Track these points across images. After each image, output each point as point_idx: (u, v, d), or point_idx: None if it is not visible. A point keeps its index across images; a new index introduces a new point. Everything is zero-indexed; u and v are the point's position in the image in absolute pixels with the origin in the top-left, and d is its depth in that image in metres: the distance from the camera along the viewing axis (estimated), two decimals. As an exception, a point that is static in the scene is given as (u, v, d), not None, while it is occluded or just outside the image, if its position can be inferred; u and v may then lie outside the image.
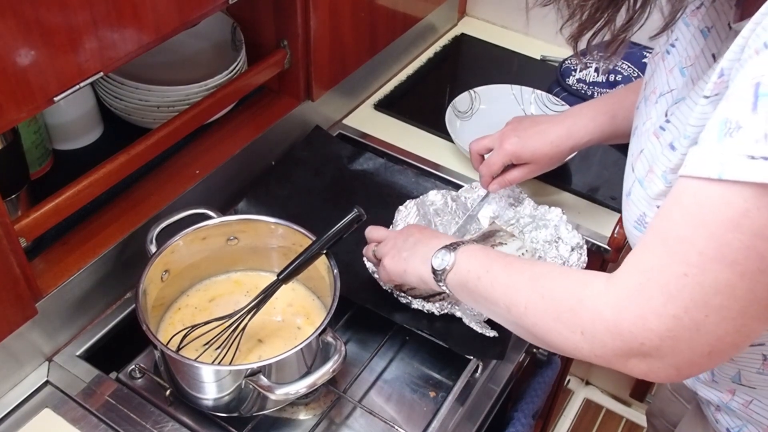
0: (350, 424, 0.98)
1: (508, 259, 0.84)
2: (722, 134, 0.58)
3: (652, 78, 0.86)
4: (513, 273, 0.80)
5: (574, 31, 0.72)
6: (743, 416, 0.87)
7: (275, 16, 1.19)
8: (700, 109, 0.67)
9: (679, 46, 0.81)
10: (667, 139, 0.76)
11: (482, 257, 0.85)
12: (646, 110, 0.85)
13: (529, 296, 0.76)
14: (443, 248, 0.88)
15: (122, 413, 0.95)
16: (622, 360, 0.67)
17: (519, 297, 0.77)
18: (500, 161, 1.11)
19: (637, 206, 0.80)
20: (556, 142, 1.08)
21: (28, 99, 0.77)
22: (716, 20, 0.75)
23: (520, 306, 0.77)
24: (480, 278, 0.83)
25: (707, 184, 0.59)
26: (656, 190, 0.76)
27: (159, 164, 1.14)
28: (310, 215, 1.14)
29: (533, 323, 0.75)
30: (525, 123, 1.12)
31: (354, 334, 1.08)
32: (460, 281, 0.86)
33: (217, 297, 1.05)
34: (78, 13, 0.77)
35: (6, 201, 0.94)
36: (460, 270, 0.86)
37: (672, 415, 1.19)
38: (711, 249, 0.60)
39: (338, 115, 1.43)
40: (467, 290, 0.86)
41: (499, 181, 1.14)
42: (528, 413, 1.13)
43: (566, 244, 1.09)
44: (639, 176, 0.81)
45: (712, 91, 0.65)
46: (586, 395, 2.15)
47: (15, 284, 0.87)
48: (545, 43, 1.66)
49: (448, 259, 0.87)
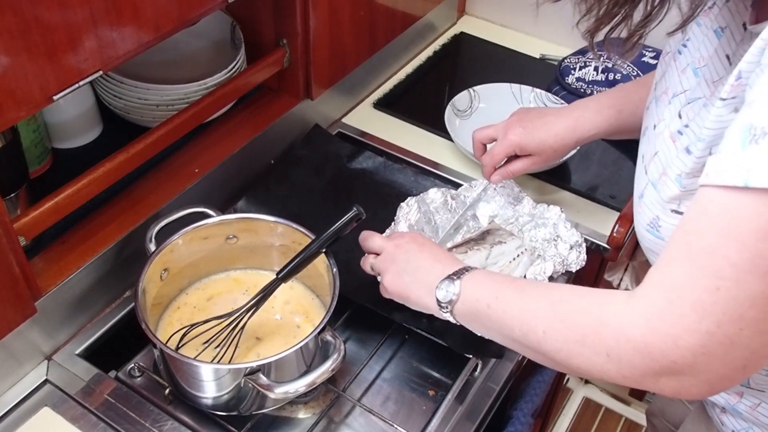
0: (349, 422, 0.98)
1: (517, 283, 0.81)
2: (746, 141, 0.57)
3: (663, 78, 0.85)
4: (526, 298, 0.77)
5: (591, 26, 0.71)
6: (750, 419, 0.87)
7: (274, 15, 1.19)
8: (716, 111, 0.67)
9: (691, 46, 0.80)
10: (683, 143, 0.75)
11: (489, 284, 0.82)
12: (657, 111, 0.84)
13: (548, 322, 0.73)
14: (446, 279, 0.85)
15: (121, 412, 0.95)
16: (652, 380, 0.65)
17: (537, 323, 0.74)
18: (503, 152, 1.11)
19: (650, 209, 0.80)
20: (561, 135, 1.08)
21: (27, 97, 0.77)
22: (730, 21, 0.74)
23: (538, 332, 0.73)
24: (490, 306, 0.80)
25: (734, 194, 0.57)
26: (669, 194, 0.76)
27: (158, 163, 1.14)
28: (310, 214, 1.14)
29: (555, 349, 0.72)
30: (530, 114, 1.12)
31: (353, 333, 1.08)
32: (468, 311, 0.83)
33: (216, 296, 1.05)
34: (77, 12, 0.77)
35: (5, 200, 0.94)
36: (468, 299, 0.83)
37: (673, 414, 1.19)
38: (744, 260, 0.57)
39: (337, 114, 1.43)
40: (478, 320, 0.82)
41: (502, 172, 1.13)
42: (527, 412, 1.13)
43: (565, 242, 1.09)
44: (652, 179, 0.80)
45: (729, 94, 0.64)
46: (585, 394, 2.15)
47: (14, 283, 0.87)
48: (545, 42, 1.66)
49: (453, 290, 0.84)
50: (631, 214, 1.21)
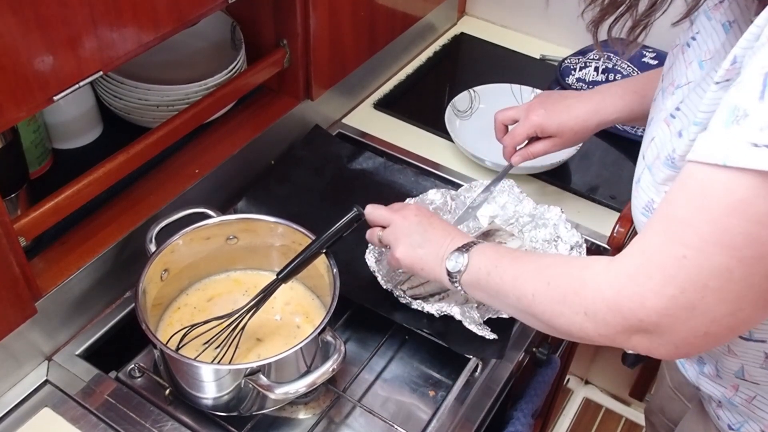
0: (350, 423, 0.98)
1: (516, 254, 0.87)
2: (730, 121, 0.59)
3: (670, 70, 0.86)
4: (519, 264, 0.82)
5: (596, 16, 0.72)
6: (745, 412, 0.88)
7: (275, 16, 1.19)
8: (711, 95, 0.68)
9: (700, 39, 0.80)
10: (676, 126, 0.76)
11: (492, 254, 0.87)
12: (663, 102, 0.85)
13: (536, 285, 0.78)
14: (456, 251, 0.89)
15: (122, 412, 0.95)
16: (625, 336, 0.69)
17: (527, 286, 0.79)
18: (525, 132, 1.12)
19: (645, 192, 0.81)
20: (582, 117, 1.08)
21: (27, 98, 0.77)
22: (739, 16, 0.74)
23: (528, 295, 0.79)
24: (490, 273, 0.85)
25: (712, 170, 0.60)
26: (662, 176, 0.77)
27: (158, 163, 1.14)
28: (310, 214, 1.14)
29: (541, 310, 0.77)
30: (553, 96, 1.13)
31: (353, 334, 1.08)
32: (472, 280, 0.87)
33: (216, 296, 1.05)
34: (77, 12, 0.77)
35: (5, 200, 0.94)
36: (472, 269, 0.87)
37: (672, 412, 1.19)
38: (711, 233, 0.61)
39: (338, 115, 1.43)
40: (479, 287, 0.87)
41: (522, 153, 1.14)
42: (527, 412, 1.13)
43: (565, 243, 1.09)
44: (648, 163, 0.81)
45: (723, 77, 0.65)
46: (585, 394, 2.15)
47: (14, 283, 0.87)
48: (545, 43, 1.66)
49: (462, 261, 0.88)
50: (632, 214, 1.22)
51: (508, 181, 1.17)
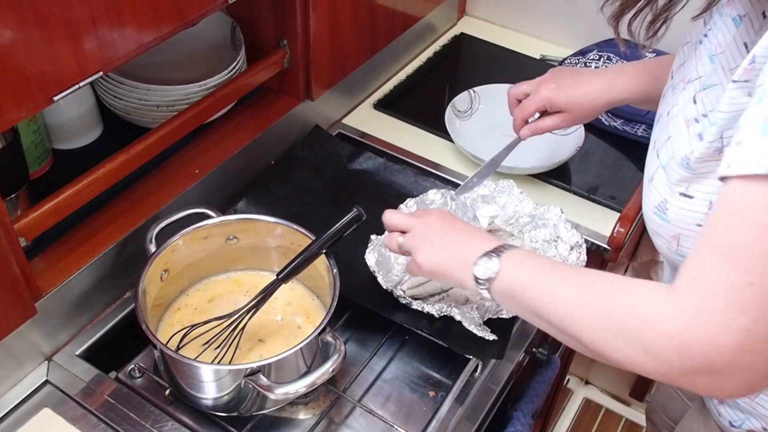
0: (350, 423, 0.98)
1: (557, 266, 0.80)
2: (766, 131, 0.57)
3: (681, 67, 0.85)
4: (563, 283, 0.76)
5: (616, 10, 0.71)
6: (747, 409, 0.87)
7: (275, 16, 1.19)
8: (729, 93, 0.67)
9: (711, 35, 0.80)
10: (697, 129, 0.75)
11: (529, 265, 0.80)
12: (673, 98, 0.84)
13: (585, 311, 0.71)
14: (484, 255, 0.83)
15: (122, 413, 0.95)
16: (688, 377, 0.64)
17: (573, 310, 0.73)
18: (534, 106, 1.12)
19: (659, 192, 0.80)
20: (592, 94, 1.08)
21: (27, 98, 0.77)
22: (750, 9, 0.74)
23: (574, 320, 0.72)
24: (527, 288, 0.78)
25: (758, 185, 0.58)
26: (676, 177, 0.76)
27: (158, 164, 1.14)
28: (310, 215, 1.14)
29: (591, 339, 0.71)
30: (565, 72, 1.12)
31: (353, 334, 1.08)
32: (505, 290, 0.81)
33: (216, 297, 1.05)
34: (77, 12, 0.77)
35: (5, 200, 0.94)
36: (505, 279, 0.81)
37: (673, 411, 1.19)
38: None
39: (338, 115, 1.43)
40: (513, 300, 0.81)
41: (531, 127, 1.14)
42: (527, 413, 1.13)
43: (565, 243, 1.09)
44: (663, 162, 0.80)
45: (741, 77, 0.64)
46: (585, 395, 2.15)
47: (14, 284, 0.87)
48: (545, 43, 1.65)
49: (492, 267, 0.81)
50: (632, 214, 1.22)
51: (507, 181, 1.17)
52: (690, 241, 0.78)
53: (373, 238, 1.09)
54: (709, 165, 0.73)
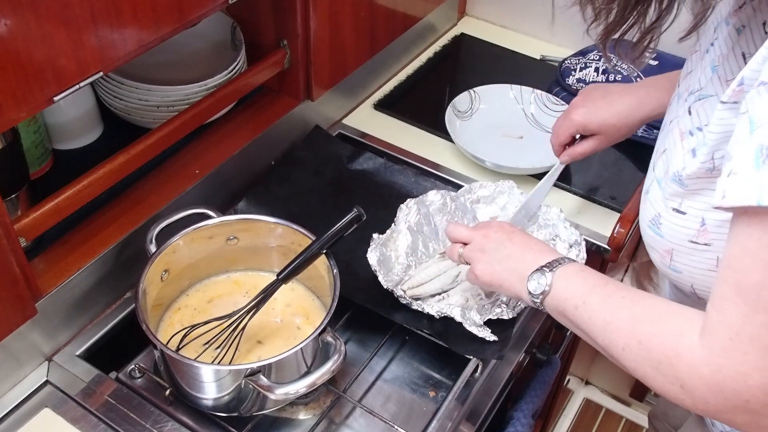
0: (350, 423, 0.98)
1: (607, 289, 0.79)
2: (759, 161, 0.57)
3: (688, 76, 0.85)
4: (611, 309, 0.76)
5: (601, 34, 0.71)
6: None
7: (275, 16, 1.19)
8: (719, 114, 0.66)
9: (716, 44, 0.80)
10: (691, 143, 0.75)
11: (580, 284, 0.81)
12: (676, 108, 0.84)
13: (627, 340, 0.72)
14: (538, 270, 0.85)
15: (122, 413, 0.95)
16: (726, 416, 0.64)
17: (617, 338, 0.73)
18: (567, 132, 1.11)
19: (653, 206, 0.80)
20: (624, 113, 1.06)
21: (27, 98, 0.77)
22: (751, 18, 0.73)
23: (618, 347, 0.73)
24: (577, 308, 0.79)
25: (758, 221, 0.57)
26: (669, 191, 0.76)
27: (159, 164, 1.14)
28: (310, 215, 1.14)
29: (633, 367, 0.72)
30: (595, 93, 1.10)
31: (354, 334, 1.08)
32: (557, 306, 0.83)
33: (216, 297, 1.05)
34: (78, 12, 0.77)
35: (6, 201, 0.94)
36: (558, 296, 0.83)
37: (674, 418, 1.19)
38: None
39: (338, 115, 1.43)
40: (564, 318, 0.83)
41: (569, 153, 1.13)
42: (528, 413, 1.13)
43: (564, 241, 1.09)
44: (658, 176, 0.80)
45: (729, 98, 0.64)
46: (585, 395, 2.15)
47: (15, 284, 0.87)
48: (545, 43, 1.66)
49: (545, 282, 0.83)
50: (632, 215, 1.22)
51: (508, 182, 1.18)
52: (683, 257, 0.77)
53: (375, 236, 1.09)
54: (702, 182, 0.72)
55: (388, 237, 1.10)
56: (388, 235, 1.11)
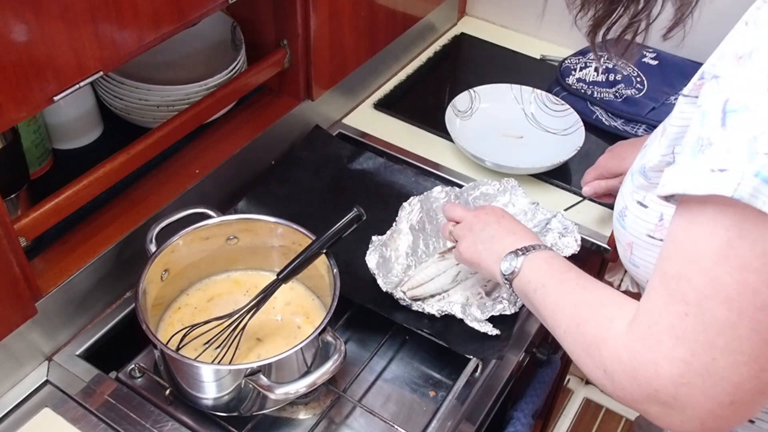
0: (350, 423, 0.98)
1: (566, 275, 0.81)
2: (696, 152, 0.57)
3: None
4: (563, 292, 0.78)
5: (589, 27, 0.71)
6: None
7: (275, 16, 1.19)
8: (679, 107, 0.67)
9: None
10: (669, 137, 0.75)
11: (544, 269, 0.84)
12: None
13: (569, 323, 0.74)
14: (512, 252, 0.87)
15: (122, 413, 0.95)
16: (643, 405, 0.64)
17: (562, 320, 0.76)
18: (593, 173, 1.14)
19: (623, 198, 0.81)
20: None
21: (27, 98, 0.77)
22: None
23: (561, 329, 0.76)
24: (536, 291, 0.82)
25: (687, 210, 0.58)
26: (637, 184, 0.77)
27: (159, 164, 1.14)
28: (310, 215, 1.14)
29: (570, 350, 0.74)
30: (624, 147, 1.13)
31: (354, 334, 1.08)
32: (521, 288, 0.86)
33: (216, 296, 1.05)
34: (78, 12, 0.77)
35: (6, 200, 0.94)
36: (523, 279, 0.85)
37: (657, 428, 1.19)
38: (704, 285, 0.57)
39: (338, 115, 1.43)
40: (526, 300, 0.85)
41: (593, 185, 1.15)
42: (528, 413, 1.13)
43: (554, 231, 1.10)
44: (633, 169, 0.81)
45: (690, 92, 0.64)
46: (586, 394, 2.15)
47: (15, 284, 0.87)
48: (545, 43, 1.65)
49: (514, 264, 0.86)
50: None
51: (510, 180, 1.18)
52: (641, 251, 0.77)
53: (375, 239, 1.09)
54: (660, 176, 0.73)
55: (389, 237, 1.10)
56: (388, 235, 1.11)
